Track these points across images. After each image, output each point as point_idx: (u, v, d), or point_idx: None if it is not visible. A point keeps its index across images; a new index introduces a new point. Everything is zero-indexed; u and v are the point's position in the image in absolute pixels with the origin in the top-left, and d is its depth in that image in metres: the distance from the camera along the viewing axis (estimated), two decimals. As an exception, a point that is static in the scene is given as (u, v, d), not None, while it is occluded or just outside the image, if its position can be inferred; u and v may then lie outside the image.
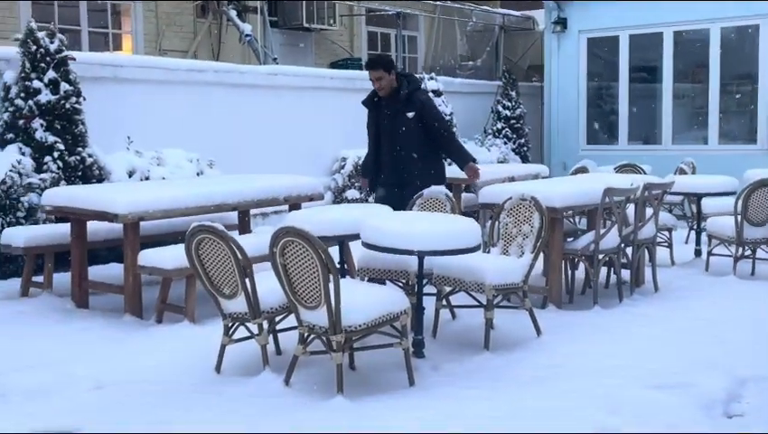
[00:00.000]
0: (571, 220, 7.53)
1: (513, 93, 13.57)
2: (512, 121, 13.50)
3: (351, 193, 10.85)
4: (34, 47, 7.55)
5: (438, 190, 5.85)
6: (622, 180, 6.72)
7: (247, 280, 4.46)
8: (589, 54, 13.65)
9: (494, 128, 13.54)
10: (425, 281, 5.16)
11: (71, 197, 6.04)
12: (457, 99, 12.67)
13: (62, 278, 6.78)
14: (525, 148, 13.54)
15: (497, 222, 5.60)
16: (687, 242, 9.36)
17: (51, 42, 7.66)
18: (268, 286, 4.56)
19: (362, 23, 15.24)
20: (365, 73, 6.45)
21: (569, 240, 6.69)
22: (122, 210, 5.68)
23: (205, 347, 5.01)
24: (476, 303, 5.40)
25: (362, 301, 4.27)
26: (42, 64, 7.56)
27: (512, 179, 8.48)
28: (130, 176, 8.09)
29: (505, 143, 13.30)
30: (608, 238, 6.30)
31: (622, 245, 6.43)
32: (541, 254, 6.05)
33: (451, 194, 5.85)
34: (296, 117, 10.73)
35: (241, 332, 4.73)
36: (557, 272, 6.20)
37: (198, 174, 8.56)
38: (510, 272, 5.15)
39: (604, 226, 6.42)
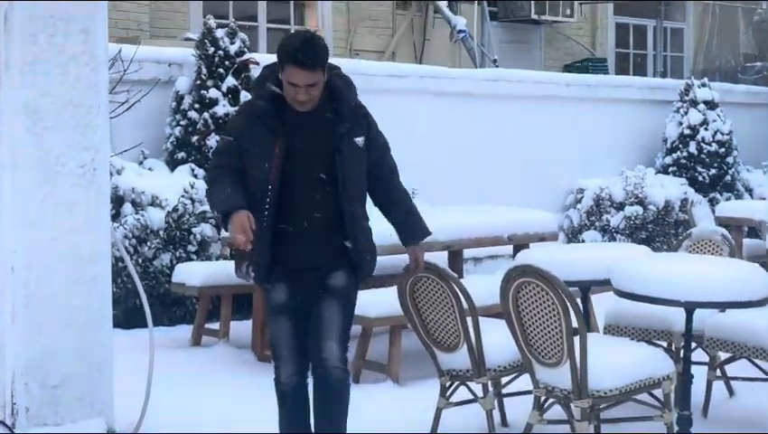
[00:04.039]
0: None
1: (821, 106, 13.46)
2: (819, 144, 13.37)
3: (591, 236, 11.23)
4: (212, 48, 8.57)
5: (713, 230, 6.16)
6: None
7: (471, 330, 5.01)
8: None
9: (792, 153, 13.45)
10: (694, 345, 5.50)
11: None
12: (738, 112, 12.76)
13: (238, 326, 7.61)
14: (837, 181, 13.35)
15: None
16: None
17: (232, 43, 8.67)
18: (496, 338, 5.08)
19: (609, 11, 15.63)
20: (613, 79, 5.78)
21: None
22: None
23: (414, 412, 5.59)
24: (763, 375, 5.65)
25: (615, 360, 4.70)
26: (221, 69, 8.56)
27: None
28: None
29: (808, 174, 13.19)
30: None
31: None
32: None
33: (730, 236, 6.14)
34: (520, 134, 11.24)
35: (461, 394, 5.27)
36: None
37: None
38: (807, 336, 5.38)
39: None
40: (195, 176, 8.28)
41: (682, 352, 5.20)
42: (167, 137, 8.61)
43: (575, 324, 4.56)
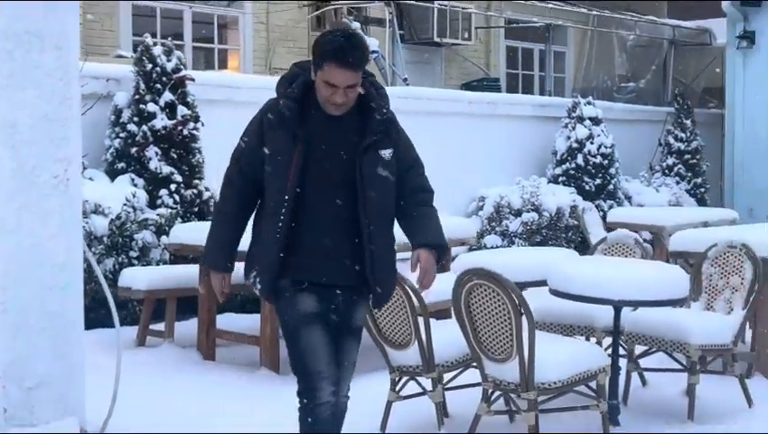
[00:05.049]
0: None
1: (688, 122, 13.87)
2: (687, 156, 13.78)
3: (492, 240, 11.33)
4: (150, 65, 8.39)
5: (626, 234, 6.27)
6: None
7: (422, 329, 4.97)
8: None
9: (663, 165, 13.84)
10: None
11: (204, 234, 6.68)
12: (617, 128, 13.04)
13: (181, 327, 7.44)
14: (702, 189, 13.77)
15: (698, 273, 5.97)
16: None
17: (169, 60, 8.50)
18: (443, 336, 5.06)
19: (501, 36, 15.85)
20: (509, 97, 4.99)
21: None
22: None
23: (364, 405, 5.50)
24: (672, 367, 5.76)
25: (558, 355, 4.72)
26: (158, 85, 8.39)
27: (706, 224, 8.83)
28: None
29: (677, 182, 13.57)
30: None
31: None
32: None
33: (641, 240, 6.26)
34: (429, 147, 11.19)
35: (410, 388, 5.23)
36: (766, 336, 6.48)
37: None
38: (718, 331, 5.52)
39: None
40: (135, 186, 8.12)
41: (612, 345, 5.27)
42: (107, 149, 8.39)
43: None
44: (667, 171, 13.77)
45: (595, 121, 12.33)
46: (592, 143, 12.23)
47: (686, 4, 17.17)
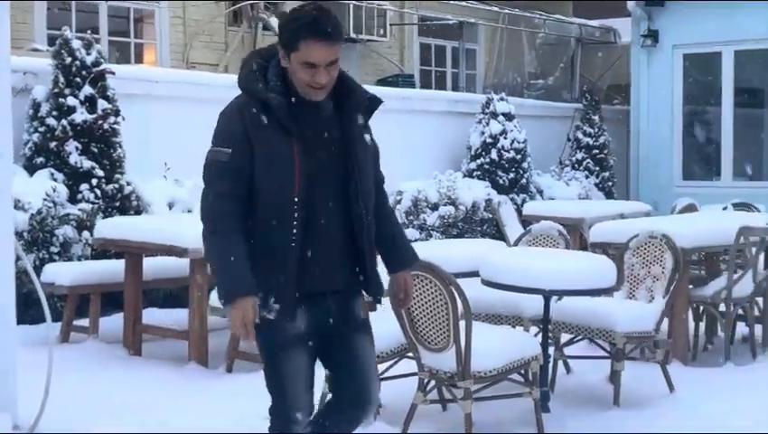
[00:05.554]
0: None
1: (596, 118, 14.14)
2: (595, 151, 14.05)
3: (410, 234, 11.37)
4: (69, 59, 8.20)
5: (551, 226, 6.37)
6: (755, 219, 7.23)
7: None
8: (685, 73, 14.20)
9: (573, 159, 14.09)
10: (536, 329, 5.67)
11: (132, 229, 6.60)
12: (528, 124, 13.21)
13: (105, 323, 7.30)
14: (610, 183, 14.07)
15: (621, 263, 6.10)
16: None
17: (88, 54, 8.32)
18: (378, 327, 5.05)
19: (414, 33, 15.93)
20: (424, 93, 4.08)
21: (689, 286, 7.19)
22: (192, 244, 6.20)
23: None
24: (597, 354, 5.88)
25: (492, 344, 4.77)
26: (78, 79, 8.20)
27: (622, 216, 9.02)
28: (170, 208, 8.67)
29: (586, 176, 13.83)
30: (740, 285, 6.78)
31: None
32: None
33: (565, 232, 6.36)
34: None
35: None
36: (682, 323, 6.67)
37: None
38: (641, 318, 5.65)
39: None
40: (55, 180, 7.93)
41: (542, 334, 5.35)
42: (24, 143, 8.17)
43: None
44: (576, 165, 14.01)
45: (509, 117, 12.47)
46: (505, 138, 12.36)
47: (591, 4, 17.49)
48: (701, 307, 7.05)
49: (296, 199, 3.25)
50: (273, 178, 3.27)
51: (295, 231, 3.26)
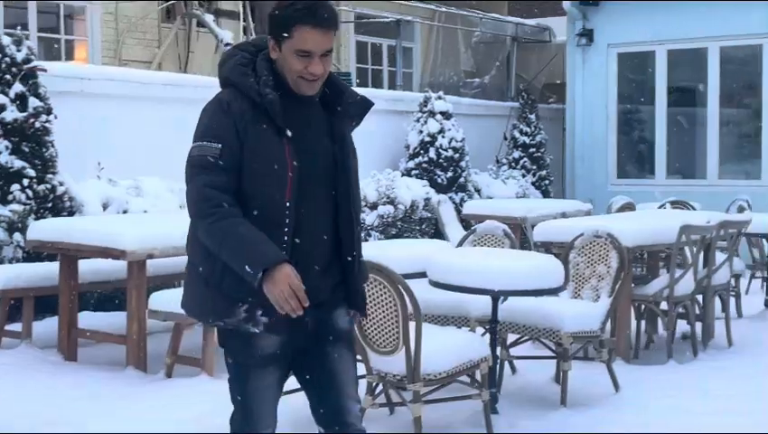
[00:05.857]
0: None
1: (532, 117, 14.20)
2: (531, 150, 14.11)
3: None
4: (-1, 55, 7.92)
5: (496, 226, 6.31)
6: (695, 217, 7.27)
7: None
8: (620, 72, 14.34)
9: (510, 158, 14.12)
10: (483, 329, 5.61)
11: (67, 231, 6.39)
12: (465, 122, 13.19)
13: (39, 327, 7.05)
14: (546, 182, 14.13)
15: (566, 262, 6.07)
16: (747, 292, 9.89)
17: (18, 51, 8.03)
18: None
19: (351, 30, 15.82)
20: (360, 91, 3.78)
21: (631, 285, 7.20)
22: (130, 246, 6.04)
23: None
24: (541, 354, 5.84)
25: (441, 346, 4.69)
26: (8, 76, 7.92)
27: (564, 215, 9.02)
28: (105, 209, 8.43)
29: (523, 175, 13.88)
30: (682, 284, 6.81)
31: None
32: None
33: (510, 231, 6.31)
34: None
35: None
36: (625, 322, 6.68)
37: (181, 207, 8.92)
38: (588, 318, 5.62)
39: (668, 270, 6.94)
40: (-15, 180, 7.66)
41: (491, 334, 5.29)
42: (-50, 143, 7.88)
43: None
44: (513, 164, 14.06)
45: (446, 115, 12.44)
46: (443, 137, 12.33)
47: (527, 3, 17.59)
48: (643, 306, 7.07)
49: (288, 204, 3.03)
50: (261, 177, 3.04)
51: (286, 237, 3.03)
